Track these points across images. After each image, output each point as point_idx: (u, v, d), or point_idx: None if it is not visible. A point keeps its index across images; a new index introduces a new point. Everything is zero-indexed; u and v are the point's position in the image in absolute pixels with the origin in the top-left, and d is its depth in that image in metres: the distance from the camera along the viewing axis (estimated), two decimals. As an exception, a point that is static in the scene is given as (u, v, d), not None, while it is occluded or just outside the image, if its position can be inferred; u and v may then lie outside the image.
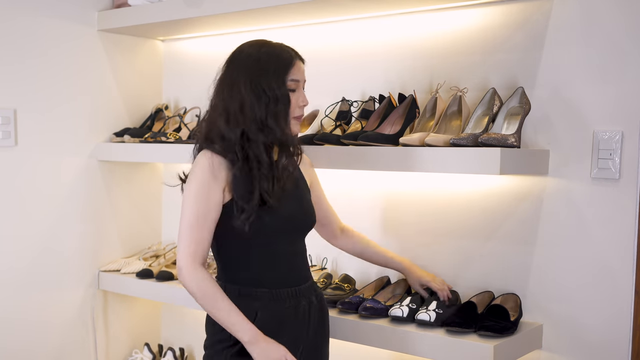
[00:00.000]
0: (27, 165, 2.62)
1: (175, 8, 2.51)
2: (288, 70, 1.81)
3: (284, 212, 1.82)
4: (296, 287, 1.86)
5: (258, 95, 1.77)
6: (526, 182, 2.08)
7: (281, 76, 1.80)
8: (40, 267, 2.67)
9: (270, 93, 1.77)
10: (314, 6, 2.24)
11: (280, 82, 1.79)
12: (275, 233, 1.81)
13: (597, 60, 1.95)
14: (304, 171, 1.99)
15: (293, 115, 1.83)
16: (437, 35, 2.25)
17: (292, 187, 1.87)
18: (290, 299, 1.84)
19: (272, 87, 1.78)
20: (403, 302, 2.05)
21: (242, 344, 1.76)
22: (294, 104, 1.82)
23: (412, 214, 2.31)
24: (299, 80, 1.84)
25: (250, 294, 1.80)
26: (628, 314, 1.92)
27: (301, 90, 1.86)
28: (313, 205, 1.97)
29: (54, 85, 2.68)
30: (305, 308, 1.87)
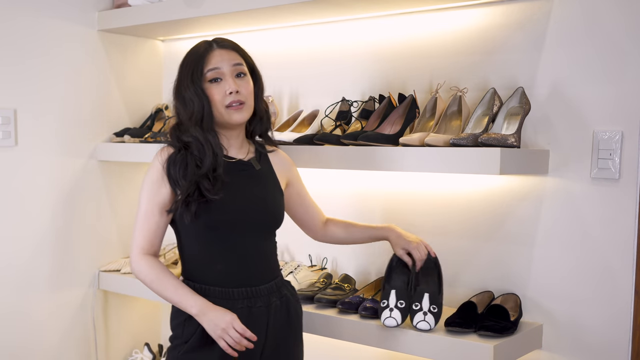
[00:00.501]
0: (27, 165, 2.62)
1: (175, 8, 2.51)
2: (202, 64, 1.81)
3: (233, 209, 1.81)
4: (252, 287, 1.83)
5: (181, 100, 1.82)
6: (526, 182, 2.08)
7: (195, 73, 1.80)
8: (40, 267, 2.67)
9: (187, 96, 1.80)
10: (314, 6, 2.24)
11: (195, 81, 1.79)
12: (224, 230, 1.80)
13: (597, 60, 1.95)
14: (279, 169, 1.97)
15: (224, 104, 1.81)
16: (437, 35, 2.25)
17: (248, 182, 1.86)
18: (243, 299, 1.81)
19: (188, 89, 1.80)
20: (390, 302, 1.95)
21: (192, 342, 1.78)
22: (219, 94, 1.80)
23: (412, 214, 2.31)
24: (219, 67, 1.81)
25: (203, 292, 1.80)
26: (628, 314, 1.92)
27: (227, 77, 1.81)
28: (283, 204, 1.95)
29: (54, 85, 2.68)
30: (262, 310, 1.83)
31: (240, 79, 1.84)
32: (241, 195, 1.83)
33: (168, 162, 1.81)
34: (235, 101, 1.81)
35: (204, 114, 1.79)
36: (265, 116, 1.95)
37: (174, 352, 1.84)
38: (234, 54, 1.85)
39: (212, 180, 1.78)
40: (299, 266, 2.44)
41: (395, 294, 1.94)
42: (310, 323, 2.13)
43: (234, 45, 1.88)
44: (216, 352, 1.77)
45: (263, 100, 1.94)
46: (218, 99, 1.80)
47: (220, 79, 1.81)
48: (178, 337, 1.83)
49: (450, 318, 1.97)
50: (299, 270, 2.41)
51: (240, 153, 1.90)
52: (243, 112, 1.83)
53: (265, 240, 1.90)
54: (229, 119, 1.82)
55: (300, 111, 2.50)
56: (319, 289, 2.28)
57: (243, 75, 1.84)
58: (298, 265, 2.46)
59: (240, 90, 1.82)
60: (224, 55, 1.83)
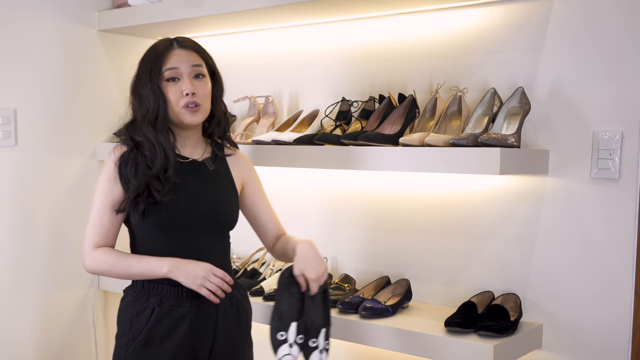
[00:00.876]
0: (27, 165, 2.62)
1: (175, 8, 2.51)
2: (160, 64, 1.79)
3: (182, 210, 1.79)
4: None
5: (137, 97, 1.81)
6: (526, 182, 2.08)
7: (154, 71, 1.79)
8: (40, 266, 2.67)
9: (144, 93, 1.79)
10: (314, 6, 2.24)
11: (153, 79, 1.78)
12: (173, 230, 1.79)
13: (597, 60, 1.95)
14: (235, 171, 1.94)
15: (179, 104, 1.79)
16: (437, 35, 2.25)
17: (200, 182, 1.85)
18: (192, 298, 1.80)
19: (146, 86, 1.79)
20: (289, 336, 1.74)
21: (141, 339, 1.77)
22: (175, 94, 1.79)
23: (412, 214, 2.31)
24: (177, 67, 1.79)
25: (151, 289, 1.80)
26: (628, 314, 1.92)
27: (185, 78, 1.79)
28: (236, 206, 1.92)
29: (54, 85, 2.68)
30: (211, 310, 1.81)
31: (198, 80, 1.82)
32: (192, 196, 1.82)
33: (120, 161, 1.79)
34: (190, 102, 1.79)
35: (158, 113, 1.78)
36: (223, 118, 1.92)
37: (120, 351, 1.81)
38: (194, 54, 1.83)
39: (163, 181, 1.77)
40: (299, 266, 2.44)
41: (296, 328, 1.74)
42: (310, 323, 2.13)
43: (195, 46, 1.86)
44: (165, 348, 1.77)
45: (222, 102, 1.93)
46: (174, 99, 1.79)
47: (177, 78, 1.79)
48: (124, 334, 1.81)
49: (450, 318, 1.97)
50: (299, 270, 2.41)
51: (195, 153, 1.88)
52: (197, 115, 1.81)
53: (216, 241, 1.87)
54: (182, 120, 1.81)
55: (300, 111, 2.50)
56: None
57: (201, 76, 1.83)
58: (298, 265, 2.45)
59: (197, 92, 1.80)
60: (183, 55, 1.81)
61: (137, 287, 1.82)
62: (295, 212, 2.57)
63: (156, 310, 1.78)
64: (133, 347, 1.79)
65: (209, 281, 1.73)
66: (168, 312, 1.78)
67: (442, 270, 2.25)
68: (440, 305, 2.24)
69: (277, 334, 1.74)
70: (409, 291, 2.21)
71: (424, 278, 2.28)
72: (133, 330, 1.79)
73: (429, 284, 2.28)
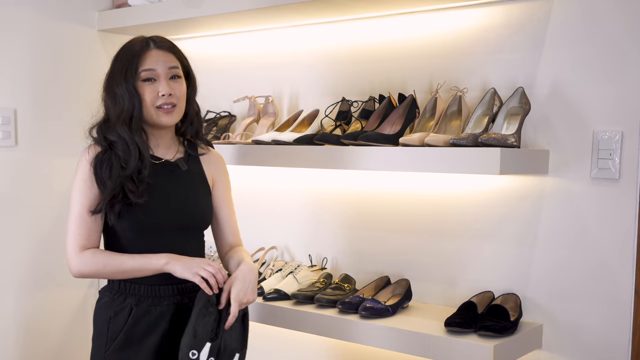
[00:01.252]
0: (27, 165, 2.62)
1: (175, 8, 2.51)
2: (137, 64, 1.78)
3: (156, 211, 1.79)
4: (178, 285, 1.80)
5: (111, 95, 1.80)
6: (526, 182, 2.08)
7: (130, 70, 1.78)
8: (41, 266, 2.67)
9: (119, 92, 1.78)
10: (314, 6, 2.24)
11: (128, 78, 1.77)
12: (147, 229, 1.78)
13: (597, 60, 1.95)
14: (208, 169, 1.93)
15: (155, 105, 1.79)
16: (437, 35, 2.25)
17: (174, 183, 1.84)
18: (170, 296, 1.80)
19: (120, 85, 1.78)
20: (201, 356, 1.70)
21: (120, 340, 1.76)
22: (151, 95, 1.78)
23: (412, 213, 2.31)
24: (154, 69, 1.78)
25: (128, 289, 1.79)
26: (628, 314, 1.92)
27: (162, 79, 1.79)
28: (210, 205, 1.91)
29: (54, 85, 2.68)
30: (190, 307, 1.78)
31: (174, 81, 1.82)
32: (165, 197, 1.81)
33: (95, 162, 1.78)
34: (166, 103, 1.79)
35: (133, 113, 1.77)
36: (196, 118, 1.93)
37: (98, 352, 1.80)
38: (170, 56, 1.83)
39: (137, 182, 1.76)
40: (299, 266, 2.44)
41: (209, 349, 1.70)
42: (311, 323, 2.13)
43: (171, 47, 1.85)
44: (145, 347, 1.77)
45: (195, 102, 1.93)
46: (149, 99, 1.78)
47: (154, 79, 1.79)
48: (102, 335, 1.79)
49: (450, 318, 1.97)
50: (299, 270, 2.41)
51: (168, 153, 1.88)
52: (173, 115, 1.81)
53: (190, 240, 1.87)
54: (158, 121, 1.80)
55: (300, 111, 2.50)
56: (319, 289, 2.28)
57: (177, 77, 1.83)
58: (298, 265, 2.46)
59: (174, 92, 1.80)
60: (160, 56, 1.81)
61: (114, 288, 1.82)
62: (294, 212, 2.57)
63: (134, 310, 1.78)
64: (112, 348, 1.78)
65: (203, 269, 1.71)
66: (146, 312, 1.78)
67: (442, 270, 2.25)
68: (440, 305, 2.24)
69: (189, 352, 1.69)
70: (409, 291, 2.21)
71: (424, 278, 2.28)
72: (111, 331, 1.78)
73: (429, 284, 2.28)
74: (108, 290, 1.84)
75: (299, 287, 2.31)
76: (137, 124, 1.79)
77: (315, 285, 2.32)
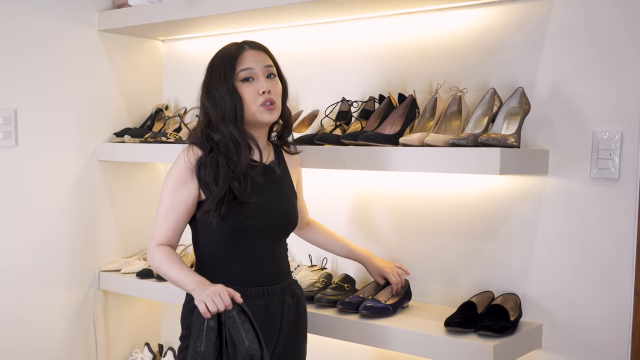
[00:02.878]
0: (27, 165, 2.62)
1: (175, 8, 2.51)
2: (234, 64, 1.82)
3: (260, 214, 1.82)
4: (268, 286, 1.86)
5: (211, 99, 1.83)
6: (526, 182, 2.08)
7: (228, 72, 1.81)
8: (41, 266, 2.67)
9: (218, 94, 1.81)
10: (314, 6, 2.24)
11: (227, 79, 1.80)
12: (247, 232, 1.81)
13: (597, 60, 1.95)
14: (292, 171, 2.00)
15: (257, 103, 1.82)
16: (437, 35, 2.25)
17: (271, 186, 1.87)
18: (260, 297, 1.84)
19: (220, 87, 1.81)
20: None
21: None
22: (252, 94, 1.81)
23: (412, 213, 2.31)
24: (252, 68, 1.83)
25: None
26: (628, 314, 1.92)
27: (260, 77, 1.83)
28: (297, 207, 1.98)
29: (54, 85, 2.68)
30: (277, 307, 1.87)
31: (271, 79, 1.86)
32: (267, 200, 1.85)
33: (198, 164, 1.80)
34: (267, 100, 1.83)
35: (236, 112, 1.81)
36: (289, 121, 1.98)
37: (185, 351, 1.82)
38: (264, 55, 1.88)
39: (243, 181, 1.79)
40: (299, 266, 2.45)
41: None
42: (311, 323, 2.13)
43: (264, 48, 1.90)
44: None
45: (287, 105, 1.97)
46: (250, 98, 1.82)
47: (252, 78, 1.83)
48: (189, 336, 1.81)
49: (450, 318, 1.97)
50: (299, 270, 2.41)
51: (263, 156, 1.91)
52: (274, 113, 1.86)
53: (279, 242, 1.93)
54: (260, 118, 1.84)
55: (300, 111, 2.50)
56: (319, 289, 2.28)
57: (273, 76, 1.87)
58: (298, 265, 2.46)
59: (272, 90, 1.84)
60: (256, 55, 1.85)
61: None
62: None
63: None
64: None
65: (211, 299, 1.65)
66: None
67: (442, 270, 2.25)
68: (440, 305, 2.24)
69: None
70: (408, 291, 2.21)
71: (424, 278, 2.29)
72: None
73: (429, 284, 2.28)
74: None
75: (299, 287, 2.32)
76: (242, 123, 1.82)
77: (315, 285, 2.32)
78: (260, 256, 1.86)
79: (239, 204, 1.78)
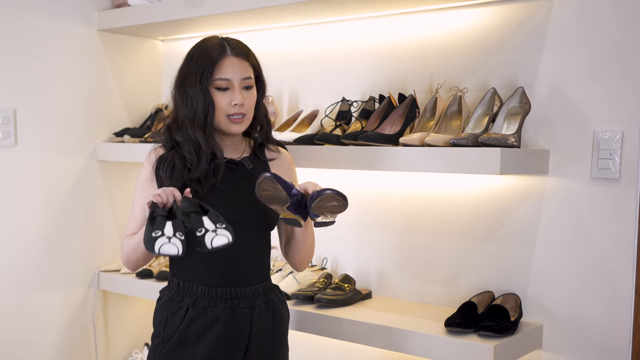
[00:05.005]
0: (27, 165, 2.62)
1: (175, 8, 2.51)
2: (213, 69, 1.78)
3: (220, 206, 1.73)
4: (235, 288, 1.79)
5: (183, 95, 1.81)
6: (526, 182, 2.08)
7: (205, 75, 1.78)
8: (40, 267, 2.67)
9: (191, 92, 1.78)
10: (314, 6, 2.24)
11: (203, 82, 1.77)
12: None
13: (597, 60, 1.95)
14: (275, 169, 1.91)
15: (226, 113, 1.79)
16: (437, 35, 2.25)
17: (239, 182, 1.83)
18: (226, 300, 1.79)
19: (194, 87, 1.78)
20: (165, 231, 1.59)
21: (174, 340, 1.76)
22: (224, 103, 1.79)
23: (412, 213, 2.31)
24: (229, 79, 1.79)
25: (186, 289, 1.80)
26: (628, 314, 1.92)
27: (235, 88, 1.79)
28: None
29: (54, 85, 2.68)
30: (246, 312, 1.80)
31: (247, 91, 1.83)
32: (228, 196, 1.81)
33: (158, 162, 1.82)
34: (238, 113, 1.80)
35: (207, 118, 1.78)
36: (265, 122, 1.93)
37: (155, 352, 1.81)
38: (245, 64, 1.82)
39: (203, 183, 1.77)
40: (299, 266, 2.44)
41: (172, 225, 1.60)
42: (311, 323, 2.13)
43: (247, 54, 1.84)
44: (200, 349, 1.76)
45: (263, 105, 1.93)
46: (221, 107, 1.79)
47: (228, 88, 1.80)
48: (159, 334, 1.81)
49: (450, 318, 1.97)
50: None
51: (234, 153, 1.88)
52: (242, 125, 1.82)
53: (252, 242, 1.84)
54: (227, 129, 1.81)
55: (300, 111, 2.50)
56: (319, 289, 2.28)
57: (250, 88, 1.84)
58: (298, 265, 2.45)
59: (245, 102, 1.81)
60: (236, 65, 1.80)
61: (173, 287, 1.83)
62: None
63: (190, 311, 1.77)
64: (167, 347, 1.78)
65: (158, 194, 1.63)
66: (202, 313, 1.78)
67: (442, 270, 2.25)
68: (440, 305, 2.24)
69: (152, 233, 1.58)
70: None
71: (424, 278, 2.29)
72: (167, 330, 1.79)
73: (429, 284, 2.28)
74: (168, 289, 1.85)
75: (299, 287, 2.31)
76: (211, 129, 1.80)
77: (315, 285, 2.32)
78: (229, 255, 1.77)
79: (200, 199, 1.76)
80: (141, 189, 1.84)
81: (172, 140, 1.81)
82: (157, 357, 1.80)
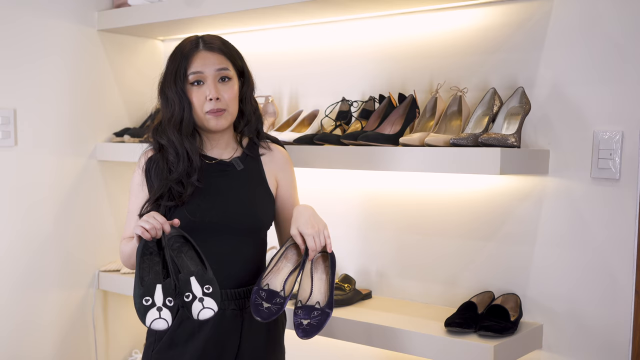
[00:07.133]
0: (27, 165, 2.62)
1: (175, 8, 2.51)
2: (185, 64, 1.76)
3: (204, 211, 1.74)
4: (224, 289, 1.75)
5: (163, 98, 1.80)
6: (526, 182, 2.08)
7: (179, 73, 1.76)
8: (40, 267, 2.66)
9: (170, 94, 1.77)
10: (314, 6, 2.24)
11: (177, 81, 1.75)
12: (197, 232, 1.72)
13: (597, 60, 1.95)
14: (269, 169, 1.87)
15: (203, 110, 1.75)
16: (437, 35, 2.25)
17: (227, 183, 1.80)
18: None
19: (171, 88, 1.77)
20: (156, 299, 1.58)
21: (165, 340, 1.77)
22: (199, 99, 1.75)
23: (412, 213, 2.31)
24: (201, 71, 1.74)
25: None
26: (628, 314, 1.92)
27: (210, 82, 1.75)
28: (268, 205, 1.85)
29: (54, 85, 2.68)
30: (236, 313, 1.77)
31: (224, 83, 1.77)
32: (216, 197, 1.78)
33: (147, 165, 1.82)
34: (214, 109, 1.75)
35: (183, 117, 1.75)
36: (253, 117, 1.87)
37: (147, 350, 1.84)
38: (219, 57, 1.78)
39: (185, 184, 1.75)
40: (299, 266, 2.44)
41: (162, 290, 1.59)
42: (310, 323, 2.13)
43: (221, 47, 1.80)
44: (190, 349, 1.77)
45: (253, 99, 1.88)
46: (198, 103, 1.75)
47: (202, 82, 1.76)
48: (152, 334, 1.83)
49: (450, 318, 1.97)
50: (299, 270, 2.41)
51: (225, 153, 1.85)
52: (222, 120, 1.77)
53: (245, 243, 1.81)
54: (207, 125, 1.78)
55: (300, 111, 2.50)
56: (319, 289, 2.28)
57: (227, 79, 1.78)
58: (298, 265, 2.45)
59: (222, 96, 1.76)
60: (208, 58, 1.76)
61: None
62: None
63: (180, 311, 1.76)
64: (158, 347, 1.80)
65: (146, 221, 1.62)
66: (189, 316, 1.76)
67: (442, 270, 2.25)
68: (440, 305, 2.24)
69: (142, 300, 1.57)
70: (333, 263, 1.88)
71: (424, 278, 2.29)
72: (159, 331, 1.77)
73: (429, 284, 2.28)
74: None
75: (299, 287, 2.31)
76: (188, 129, 1.77)
77: (315, 285, 2.32)
78: (219, 257, 1.74)
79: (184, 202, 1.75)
80: (135, 194, 1.84)
81: (157, 143, 1.81)
82: (149, 357, 1.81)
